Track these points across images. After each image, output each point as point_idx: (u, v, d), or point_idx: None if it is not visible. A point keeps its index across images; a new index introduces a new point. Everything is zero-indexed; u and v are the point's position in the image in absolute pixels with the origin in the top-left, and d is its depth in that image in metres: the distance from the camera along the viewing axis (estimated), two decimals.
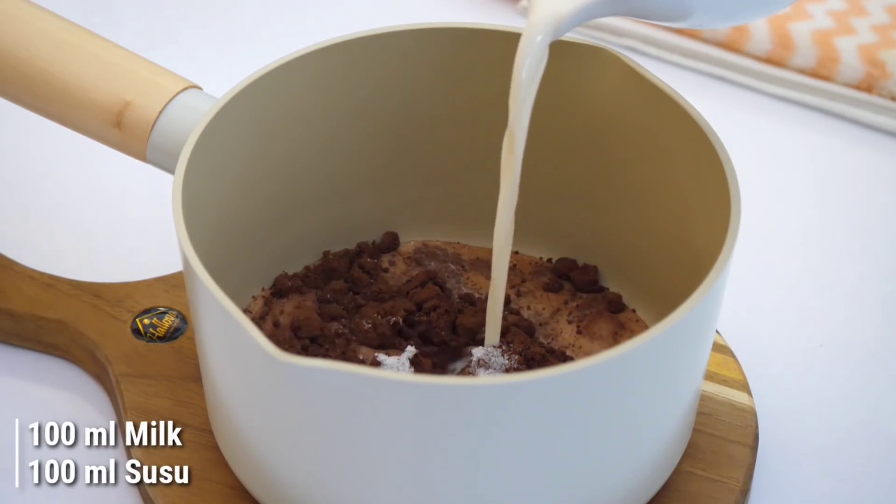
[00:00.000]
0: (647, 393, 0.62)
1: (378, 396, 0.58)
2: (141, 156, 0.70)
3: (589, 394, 0.59)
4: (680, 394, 0.64)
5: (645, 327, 0.73)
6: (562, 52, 0.71)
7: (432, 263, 0.76)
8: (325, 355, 0.70)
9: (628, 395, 0.61)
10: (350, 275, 0.75)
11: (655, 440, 0.65)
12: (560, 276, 0.75)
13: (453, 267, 0.76)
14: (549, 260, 0.76)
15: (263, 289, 0.75)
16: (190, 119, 0.69)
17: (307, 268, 0.76)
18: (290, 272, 0.75)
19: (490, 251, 0.71)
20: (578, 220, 0.76)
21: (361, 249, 0.76)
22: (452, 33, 0.72)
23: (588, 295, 0.75)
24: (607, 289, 0.75)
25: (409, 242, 0.77)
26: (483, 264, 0.76)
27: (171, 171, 0.69)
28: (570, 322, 0.73)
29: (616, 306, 0.74)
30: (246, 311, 0.73)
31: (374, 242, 0.77)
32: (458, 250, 0.77)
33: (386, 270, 0.76)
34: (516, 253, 0.77)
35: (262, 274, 0.75)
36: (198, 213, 0.65)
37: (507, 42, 0.71)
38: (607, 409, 0.61)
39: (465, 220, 0.77)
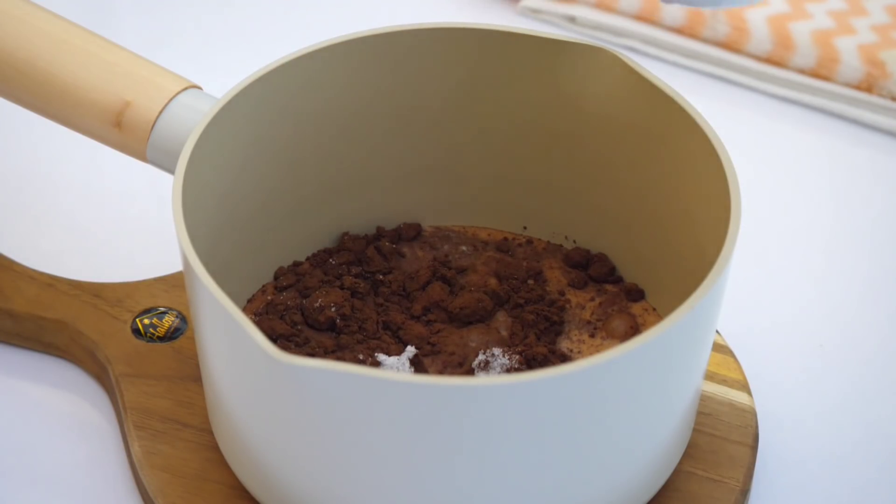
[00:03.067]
0: (647, 394, 0.62)
1: (378, 396, 0.58)
2: (141, 156, 0.70)
3: (588, 395, 0.59)
4: (680, 394, 0.64)
5: (659, 319, 0.73)
6: (562, 52, 0.71)
7: (445, 247, 0.77)
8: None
9: (628, 395, 0.61)
10: (364, 255, 0.75)
11: (655, 441, 0.65)
12: (574, 266, 0.76)
13: (465, 248, 0.77)
14: (561, 245, 0.77)
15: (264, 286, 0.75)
16: (190, 119, 0.69)
17: (325, 250, 0.76)
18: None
19: (502, 232, 0.77)
20: (581, 218, 0.76)
21: (380, 234, 0.77)
22: (452, 34, 0.72)
23: (611, 288, 0.75)
24: (623, 280, 0.75)
25: (426, 228, 0.78)
26: (493, 246, 0.77)
27: (171, 171, 0.69)
28: (588, 322, 0.73)
29: (636, 295, 0.74)
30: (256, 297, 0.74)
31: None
32: (476, 233, 0.78)
33: (403, 255, 0.76)
34: (529, 242, 0.77)
35: (263, 274, 0.75)
36: (198, 213, 0.65)
37: (506, 42, 0.72)
38: (607, 409, 0.61)
39: (474, 208, 0.78)
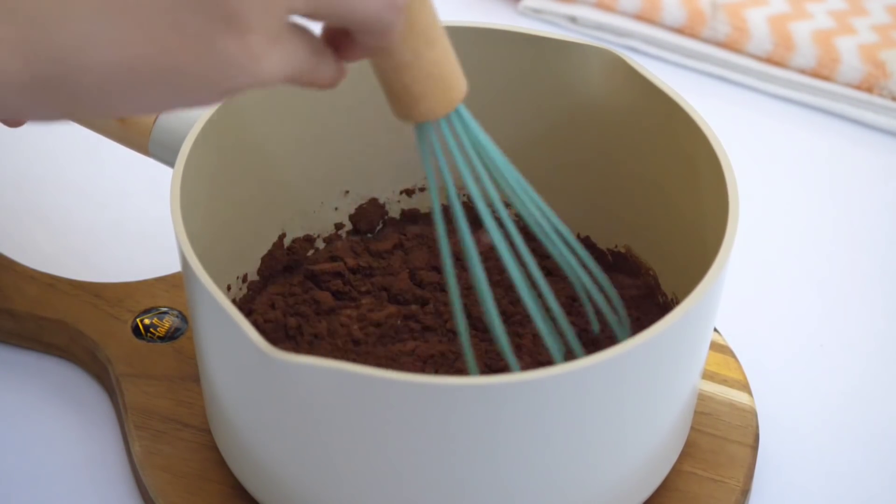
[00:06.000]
0: (644, 393, 0.62)
1: (370, 394, 0.58)
2: (143, 149, 0.70)
3: (586, 394, 0.59)
4: (677, 393, 0.64)
5: None
6: (564, 53, 0.71)
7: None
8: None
9: (625, 394, 0.61)
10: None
11: (652, 439, 0.64)
12: None
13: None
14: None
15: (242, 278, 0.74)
16: (191, 115, 0.69)
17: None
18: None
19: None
20: (579, 217, 0.76)
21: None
22: (452, 33, 0.72)
23: None
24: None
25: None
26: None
27: (172, 165, 0.69)
28: None
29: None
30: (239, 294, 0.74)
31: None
32: None
33: (385, 257, 0.76)
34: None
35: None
36: (196, 207, 0.65)
37: (506, 42, 0.71)
38: (604, 408, 0.60)
39: None
